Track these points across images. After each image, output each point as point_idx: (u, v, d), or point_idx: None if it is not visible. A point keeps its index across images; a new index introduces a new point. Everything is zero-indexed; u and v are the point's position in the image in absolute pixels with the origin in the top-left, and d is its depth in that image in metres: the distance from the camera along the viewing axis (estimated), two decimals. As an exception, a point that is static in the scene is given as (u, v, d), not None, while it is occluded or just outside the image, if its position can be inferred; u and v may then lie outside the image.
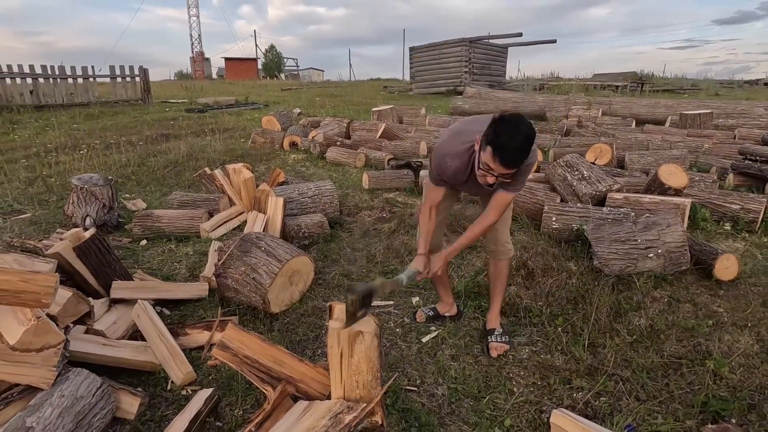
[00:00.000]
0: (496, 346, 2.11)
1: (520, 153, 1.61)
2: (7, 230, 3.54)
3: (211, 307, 2.51)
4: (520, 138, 1.58)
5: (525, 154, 1.63)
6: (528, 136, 1.60)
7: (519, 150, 1.60)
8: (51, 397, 1.46)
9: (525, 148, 1.62)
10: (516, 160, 1.63)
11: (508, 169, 1.63)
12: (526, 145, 1.61)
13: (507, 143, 1.58)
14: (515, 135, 1.58)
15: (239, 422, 1.73)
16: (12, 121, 8.94)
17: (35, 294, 1.41)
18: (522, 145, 1.60)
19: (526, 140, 1.60)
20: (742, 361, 1.99)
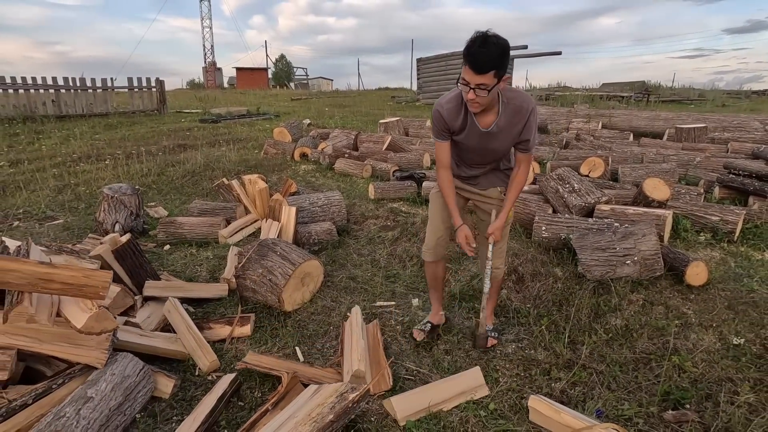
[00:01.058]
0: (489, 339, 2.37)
1: (488, 57, 1.66)
2: (43, 235, 3.87)
3: (231, 305, 2.80)
4: (489, 45, 1.65)
5: (494, 59, 1.67)
6: (497, 44, 1.66)
7: (487, 53, 1.66)
8: (105, 374, 1.75)
9: (493, 53, 1.66)
10: (484, 63, 1.67)
11: (479, 73, 1.69)
12: (495, 50, 1.66)
13: (476, 49, 1.66)
14: (484, 42, 1.66)
15: (258, 402, 2.00)
16: (36, 131, 9.39)
17: (95, 288, 1.70)
18: (490, 50, 1.66)
19: (494, 46, 1.66)
20: (704, 356, 2.23)
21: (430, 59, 17.01)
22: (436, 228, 2.29)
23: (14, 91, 10.66)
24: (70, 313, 1.68)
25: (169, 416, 1.91)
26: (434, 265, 2.38)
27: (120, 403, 1.72)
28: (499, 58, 1.68)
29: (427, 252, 2.35)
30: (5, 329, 1.66)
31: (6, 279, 1.57)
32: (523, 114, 1.91)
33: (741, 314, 2.54)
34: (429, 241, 2.33)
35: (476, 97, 1.77)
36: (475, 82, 1.72)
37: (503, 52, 1.69)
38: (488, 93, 1.75)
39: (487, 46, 1.66)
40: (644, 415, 1.91)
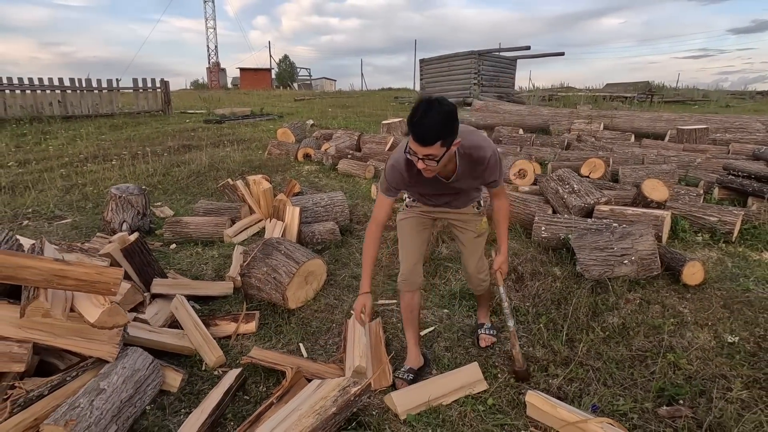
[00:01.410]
0: (485, 338, 2.43)
1: (432, 128, 1.59)
2: (52, 234, 3.95)
3: (236, 303, 2.87)
4: (431, 116, 1.58)
5: (438, 130, 1.59)
6: (441, 112, 1.59)
7: (430, 126, 1.59)
8: (116, 368, 1.82)
9: (437, 123, 1.59)
10: (429, 135, 1.60)
11: (424, 146, 1.62)
12: (438, 120, 1.59)
13: (419, 120, 1.59)
14: (426, 112, 1.58)
15: (263, 396, 2.06)
16: (43, 131, 9.50)
17: (107, 284, 1.77)
18: (433, 120, 1.58)
19: (438, 116, 1.58)
20: (699, 354, 2.27)
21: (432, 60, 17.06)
22: (410, 255, 2.16)
23: (21, 91, 10.78)
24: (84, 309, 1.74)
25: (178, 409, 1.97)
26: (410, 295, 2.18)
27: (131, 395, 1.78)
28: (444, 128, 1.60)
29: (402, 282, 2.17)
30: (22, 323, 1.73)
31: (23, 275, 1.64)
32: (482, 163, 1.85)
33: (736, 313, 2.59)
34: (404, 269, 2.16)
35: (426, 167, 1.69)
36: (422, 153, 1.64)
37: (448, 120, 1.60)
38: (438, 162, 1.67)
39: (429, 117, 1.58)
40: (639, 411, 1.95)
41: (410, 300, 2.20)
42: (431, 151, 1.63)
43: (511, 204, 3.99)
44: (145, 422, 1.86)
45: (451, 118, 1.62)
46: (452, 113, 1.62)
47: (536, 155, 6.37)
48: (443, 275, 3.18)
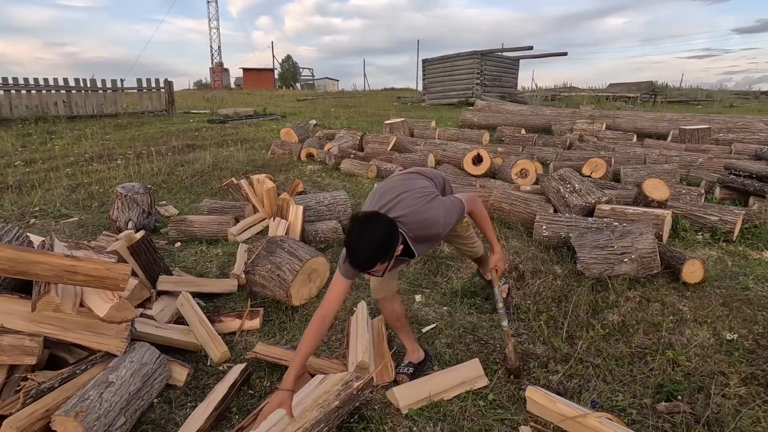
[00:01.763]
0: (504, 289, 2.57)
1: (367, 259, 1.60)
2: (59, 232, 4.01)
3: (240, 300, 2.91)
4: (364, 244, 1.58)
5: (374, 258, 1.60)
6: (374, 240, 1.58)
7: (364, 257, 1.59)
8: (124, 361, 1.86)
9: (370, 253, 1.59)
10: (364, 265, 1.62)
11: (362, 271, 1.65)
12: (372, 250, 1.58)
13: (353, 249, 1.59)
14: (360, 240, 1.58)
15: (267, 391, 2.10)
16: (48, 131, 9.58)
17: (115, 280, 1.81)
18: (366, 252, 1.58)
19: (370, 246, 1.58)
20: (698, 351, 2.30)
21: (435, 60, 17.08)
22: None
23: (26, 92, 10.88)
24: (93, 303, 1.79)
25: (184, 402, 2.01)
26: (390, 305, 2.15)
27: (138, 389, 1.83)
28: (378, 254, 1.60)
29: (375, 290, 2.14)
30: (33, 318, 1.77)
31: (35, 270, 1.68)
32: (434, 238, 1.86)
33: (735, 311, 2.61)
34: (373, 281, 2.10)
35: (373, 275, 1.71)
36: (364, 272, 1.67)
37: (381, 245, 1.60)
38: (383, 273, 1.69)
39: (362, 248, 1.58)
40: (638, 406, 1.98)
41: (392, 310, 2.16)
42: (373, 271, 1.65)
43: (513, 203, 4.02)
44: (153, 415, 1.90)
45: (385, 242, 1.60)
46: (385, 236, 1.60)
47: (538, 155, 6.39)
48: (445, 273, 3.21)
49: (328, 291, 1.84)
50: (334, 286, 1.83)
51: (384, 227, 1.62)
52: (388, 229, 1.63)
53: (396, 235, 1.67)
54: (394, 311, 2.17)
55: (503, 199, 4.06)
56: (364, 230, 1.59)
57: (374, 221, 1.62)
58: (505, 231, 3.86)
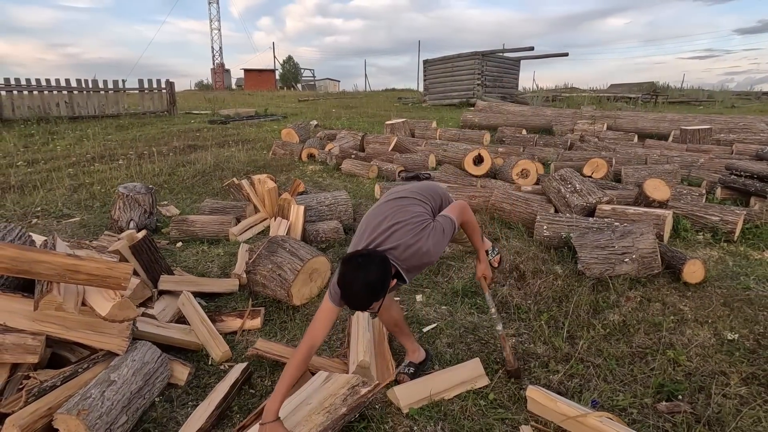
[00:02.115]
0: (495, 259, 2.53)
1: (361, 300, 1.60)
2: (61, 232, 4.02)
3: (241, 299, 2.91)
4: (357, 288, 1.58)
5: (367, 300, 1.60)
6: (367, 285, 1.58)
7: (359, 301, 1.61)
8: (126, 360, 1.87)
9: (364, 297, 1.59)
10: (360, 306, 1.64)
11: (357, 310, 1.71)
12: (365, 294, 1.59)
13: (347, 294, 1.60)
14: (353, 285, 1.58)
15: (268, 390, 2.11)
16: (50, 132, 9.61)
17: (117, 279, 1.82)
18: (360, 296, 1.59)
19: (364, 290, 1.58)
20: (699, 351, 2.30)
21: (436, 61, 17.08)
22: None
23: (28, 92, 10.92)
24: (95, 302, 1.79)
25: (185, 401, 2.02)
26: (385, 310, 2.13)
27: (140, 387, 1.83)
28: (372, 296, 1.60)
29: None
30: (35, 316, 1.78)
31: (37, 269, 1.69)
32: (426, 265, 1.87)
33: (736, 311, 2.61)
34: None
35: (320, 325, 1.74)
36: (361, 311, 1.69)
37: (374, 288, 1.60)
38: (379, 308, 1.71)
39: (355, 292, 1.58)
40: (638, 406, 1.98)
41: (389, 317, 2.15)
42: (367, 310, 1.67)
43: (514, 203, 4.02)
44: (154, 413, 1.91)
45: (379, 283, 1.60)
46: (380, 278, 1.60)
47: (539, 155, 6.39)
48: (445, 273, 3.22)
49: (315, 319, 1.78)
50: (321, 314, 1.77)
51: (378, 268, 1.61)
52: (382, 269, 1.63)
53: (389, 271, 1.67)
54: (391, 318, 2.15)
55: (504, 199, 4.07)
56: (357, 273, 1.58)
57: (368, 263, 1.61)
58: (506, 231, 3.86)
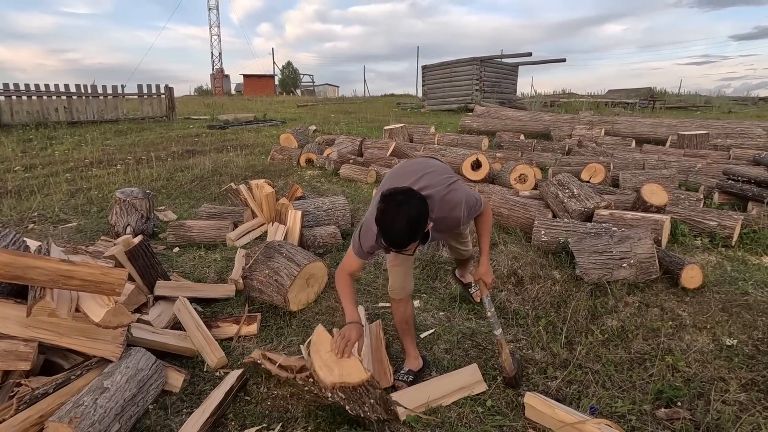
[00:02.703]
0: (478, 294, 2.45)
1: (403, 238, 1.59)
2: (58, 237, 4.00)
3: (238, 305, 2.89)
4: (400, 222, 1.56)
5: (409, 237, 1.59)
6: (410, 219, 1.56)
7: (401, 236, 1.58)
8: (119, 367, 1.85)
9: (407, 232, 1.57)
10: (400, 243, 1.60)
11: (397, 249, 1.62)
12: (408, 230, 1.57)
13: (388, 229, 1.57)
14: (395, 219, 1.56)
15: (264, 397, 2.09)
16: (49, 137, 9.61)
17: (111, 285, 1.81)
18: (403, 231, 1.57)
19: (407, 225, 1.56)
20: (698, 357, 2.29)
21: (435, 66, 17.17)
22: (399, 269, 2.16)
23: (27, 97, 10.92)
24: (89, 309, 1.78)
25: (180, 408, 2.00)
26: (404, 304, 2.18)
27: (134, 395, 1.81)
28: (415, 234, 1.59)
29: (395, 290, 2.16)
30: (28, 323, 1.76)
31: (30, 275, 1.67)
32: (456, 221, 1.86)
33: (735, 316, 2.60)
34: (395, 280, 2.15)
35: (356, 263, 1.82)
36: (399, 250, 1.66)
37: (417, 224, 1.59)
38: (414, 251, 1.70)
39: (398, 227, 1.56)
40: (637, 413, 1.97)
41: (404, 310, 2.18)
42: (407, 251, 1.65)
43: (512, 208, 4.02)
44: (148, 421, 1.89)
45: (420, 220, 1.59)
46: (420, 214, 1.59)
47: (537, 160, 6.40)
48: (443, 278, 3.20)
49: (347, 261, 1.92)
50: (350, 260, 1.91)
51: (419, 203, 1.61)
52: (423, 205, 1.62)
53: (428, 212, 1.64)
54: (406, 312, 2.20)
55: (502, 204, 4.06)
56: (399, 208, 1.56)
57: (409, 198, 1.60)
58: (503, 236, 3.85)
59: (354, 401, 1.73)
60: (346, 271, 1.92)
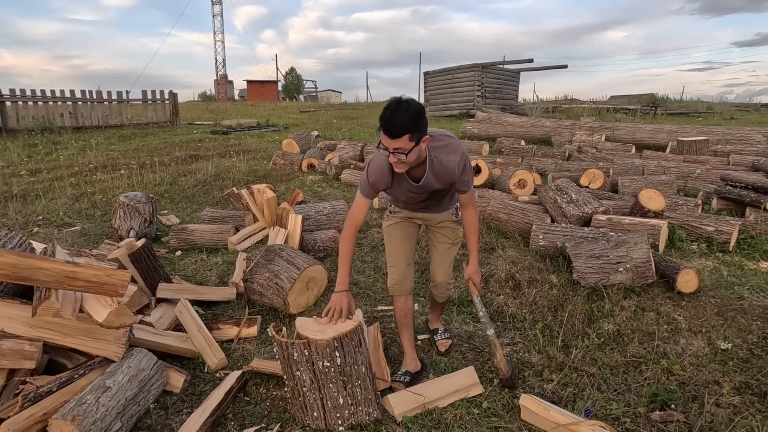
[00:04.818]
0: (443, 343, 2.48)
1: (400, 121, 1.72)
2: (62, 241, 4.05)
3: (238, 308, 2.93)
4: (400, 111, 1.72)
5: (407, 124, 1.72)
6: (408, 109, 1.72)
7: (398, 119, 1.72)
8: (121, 367, 1.88)
9: (405, 118, 1.71)
10: (397, 128, 1.72)
11: (393, 138, 1.74)
12: (407, 115, 1.71)
13: (388, 116, 1.73)
14: (396, 108, 1.72)
15: (263, 398, 2.12)
16: (54, 142, 9.71)
17: (114, 286, 1.85)
18: (401, 115, 1.71)
19: (406, 112, 1.72)
20: (693, 360, 2.31)
21: (437, 72, 17.26)
22: (399, 260, 2.24)
23: (33, 103, 11.06)
24: (92, 309, 1.82)
25: (180, 408, 2.03)
26: (404, 299, 2.25)
27: (135, 394, 1.85)
28: (412, 123, 1.72)
29: (394, 287, 2.25)
30: (33, 323, 1.80)
31: (36, 276, 1.72)
32: (451, 168, 1.93)
33: (730, 320, 2.62)
34: (394, 275, 2.24)
35: (397, 161, 1.82)
36: (392, 147, 1.76)
37: (416, 116, 1.73)
38: (407, 155, 1.78)
39: (399, 112, 1.72)
40: (632, 415, 1.99)
41: (404, 305, 2.26)
42: (400, 144, 1.75)
43: (510, 213, 4.05)
44: (149, 420, 1.92)
45: (419, 116, 1.75)
46: (420, 112, 1.76)
47: (537, 166, 6.44)
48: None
49: (353, 209, 2.05)
50: (357, 204, 2.04)
51: (418, 105, 1.77)
52: (421, 108, 1.78)
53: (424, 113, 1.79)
54: (406, 307, 2.27)
55: (500, 209, 4.10)
56: (400, 103, 1.74)
57: (410, 100, 1.77)
58: (502, 241, 3.88)
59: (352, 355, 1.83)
60: (352, 225, 2.04)
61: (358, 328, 1.85)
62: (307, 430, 1.89)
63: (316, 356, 1.80)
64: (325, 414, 1.87)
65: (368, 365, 1.90)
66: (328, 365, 1.80)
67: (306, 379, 1.84)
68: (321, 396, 1.85)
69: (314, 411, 1.87)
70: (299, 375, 1.85)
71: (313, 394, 1.85)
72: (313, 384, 1.83)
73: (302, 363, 1.83)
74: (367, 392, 1.89)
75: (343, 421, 1.87)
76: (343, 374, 1.83)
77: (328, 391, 1.84)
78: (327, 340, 1.78)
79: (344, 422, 1.87)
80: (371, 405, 1.90)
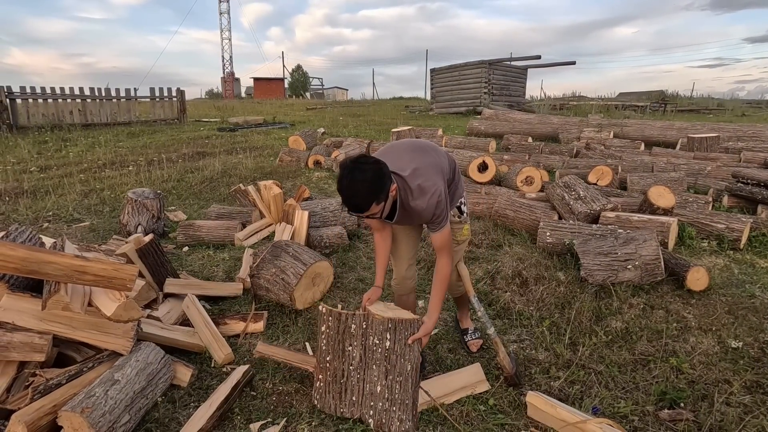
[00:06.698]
0: (474, 343, 2.45)
1: (361, 197, 1.63)
2: (71, 236, 4.09)
3: (245, 303, 2.94)
4: (355, 185, 1.61)
5: (367, 196, 1.63)
6: (364, 181, 1.61)
7: (357, 198, 1.63)
8: (130, 360, 1.90)
9: (363, 193, 1.62)
10: (361, 206, 1.64)
11: (355, 213, 1.68)
12: (364, 190, 1.62)
13: (346, 193, 1.63)
14: (351, 183, 1.61)
15: (269, 392, 2.13)
16: (63, 139, 9.81)
17: (122, 280, 1.86)
18: (358, 192, 1.61)
19: (362, 185, 1.61)
20: (702, 359, 2.28)
21: (443, 69, 17.19)
22: (402, 258, 2.22)
23: (43, 100, 11.17)
24: (101, 303, 1.84)
25: (187, 402, 2.04)
26: (406, 297, 2.27)
27: (143, 387, 1.86)
28: (372, 192, 1.63)
29: (397, 285, 2.26)
30: (43, 316, 1.82)
31: (46, 270, 1.73)
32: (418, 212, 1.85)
33: (741, 319, 2.58)
34: (397, 273, 2.25)
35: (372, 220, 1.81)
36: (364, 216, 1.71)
37: (373, 181, 1.63)
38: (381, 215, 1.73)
39: (353, 189, 1.62)
40: (640, 414, 1.97)
41: (406, 302, 2.26)
42: (370, 213, 1.69)
43: (517, 210, 4.02)
44: (156, 414, 1.94)
45: (377, 177, 1.64)
46: (377, 173, 1.64)
47: (545, 163, 6.39)
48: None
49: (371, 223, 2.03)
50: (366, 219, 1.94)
51: (372, 167, 1.65)
52: (377, 168, 1.66)
53: (387, 174, 1.69)
54: (408, 305, 2.27)
55: (507, 206, 4.07)
56: (352, 174, 1.63)
57: (361, 163, 1.65)
58: (509, 237, 3.86)
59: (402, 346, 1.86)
60: (374, 231, 2.09)
61: (415, 322, 1.88)
62: (314, 426, 1.90)
63: (370, 330, 1.86)
64: (361, 400, 1.88)
65: (416, 368, 1.86)
66: (378, 343, 1.85)
67: (356, 355, 1.89)
68: (363, 378, 1.88)
69: (353, 395, 1.90)
70: (350, 351, 1.90)
71: (358, 374, 1.89)
72: (361, 363, 1.88)
73: (357, 337, 1.89)
74: (406, 395, 1.84)
75: (375, 413, 1.85)
76: (388, 361, 1.85)
77: (369, 373, 1.87)
78: (383, 318, 1.86)
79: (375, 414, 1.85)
80: (406, 411, 1.83)
